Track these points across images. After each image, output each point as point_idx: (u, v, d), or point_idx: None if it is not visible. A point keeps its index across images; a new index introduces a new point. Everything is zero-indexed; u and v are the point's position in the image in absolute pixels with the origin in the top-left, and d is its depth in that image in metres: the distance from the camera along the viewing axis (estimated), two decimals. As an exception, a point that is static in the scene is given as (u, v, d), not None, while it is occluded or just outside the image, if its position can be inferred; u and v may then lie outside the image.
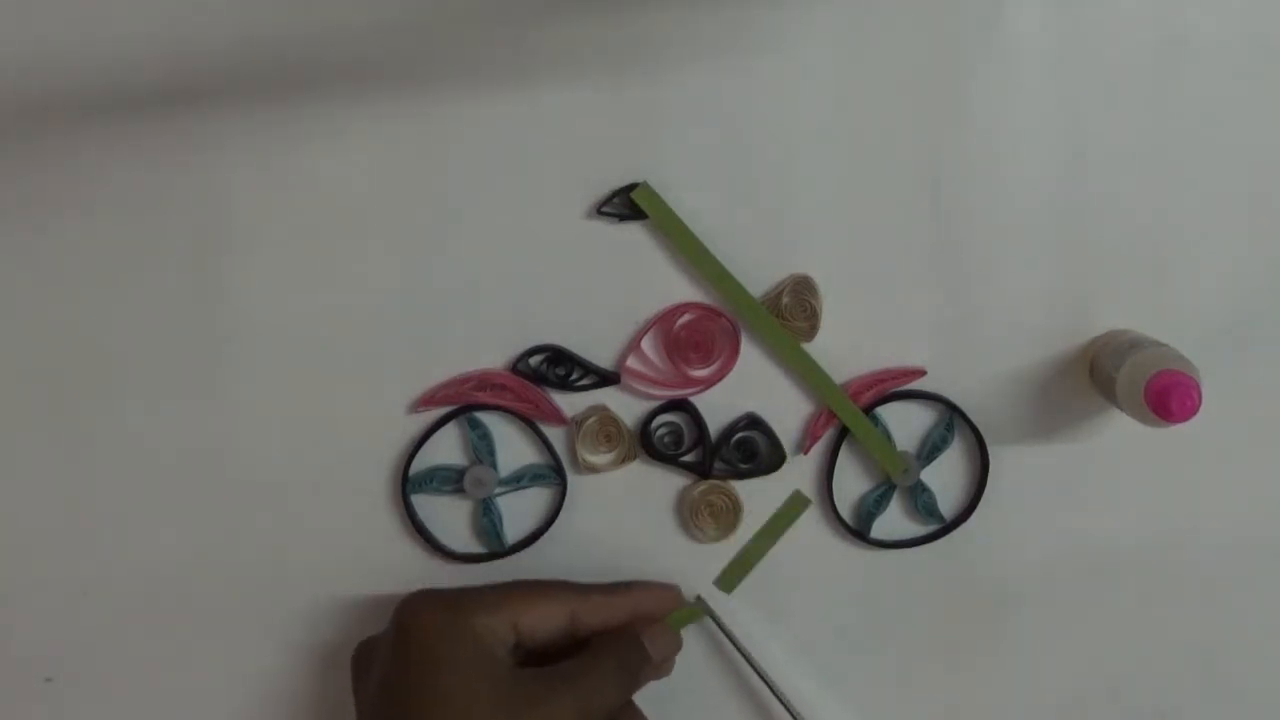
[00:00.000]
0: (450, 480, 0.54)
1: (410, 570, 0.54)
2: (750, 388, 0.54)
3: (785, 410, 0.54)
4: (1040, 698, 0.56)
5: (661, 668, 0.52)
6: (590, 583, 0.52)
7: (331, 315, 0.53)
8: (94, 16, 0.51)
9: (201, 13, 0.51)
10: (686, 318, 0.53)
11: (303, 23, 0.51)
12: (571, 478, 0.54)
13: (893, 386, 0.54)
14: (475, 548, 0.54)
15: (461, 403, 0.53)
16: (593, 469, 0.54)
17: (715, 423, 0.54)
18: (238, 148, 0.52)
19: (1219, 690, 0.57)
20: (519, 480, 0.54)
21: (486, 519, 0.54)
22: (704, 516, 0.54)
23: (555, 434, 0.54)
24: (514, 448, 0.54)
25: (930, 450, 0.54)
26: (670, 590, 0.54)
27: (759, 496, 0.55)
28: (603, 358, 0.54)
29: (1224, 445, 0.54)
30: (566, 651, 0.50)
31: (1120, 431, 0.54)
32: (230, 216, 0.53)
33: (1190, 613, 0.56)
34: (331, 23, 0.51)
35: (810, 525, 0.55)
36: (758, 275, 0.53)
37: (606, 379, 0.54)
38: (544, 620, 0.50)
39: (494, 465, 0.54)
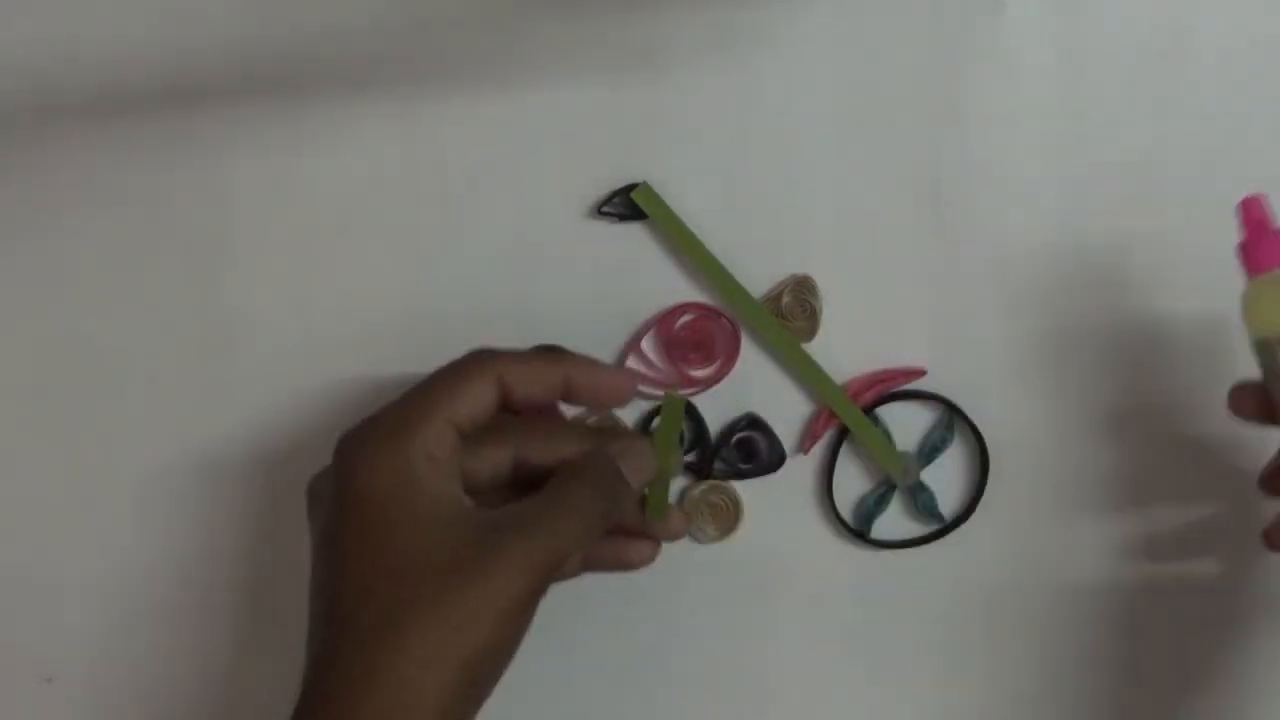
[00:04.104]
0: (450, 480, 0.54)
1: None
2: (750, 388, 0.54)
3: (785, 410, 0.54)
4: (1040, 697, 0.56)
5: (635, 546, 0.49)
6: (516, 349, 0.47)
7: (331, 315, 0.53)
8: (94, 16, 0.51)
9: (201, 12, 0.51)
10: (686, 318, 0.53)
11: (302, 23, 0.51)
12: (571, 478, 0.54)
13: (893, 386, 0.54)
14: (475, 547, 0.54)
15: (461, 402, 0.53)
16: (593, 469, 0.54)
17: (715, 423, 0.54)
18: (238, 148, 0.52)
19: (1219, 691, 0.57)
20: (518, 480, 0.54)
21: (486, 519, 0.54)
22: (704, 516, 0.54)
23: (555, 434, 0.54)
24: (514, 447, 0.54)
25: (930, 450, 0.54)
26: (612, 372, 0.49)
27: (759, 496, 0.54)
28: (603, 357, 0.54)
29: (1225, 445, 0.54)
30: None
31: (1120, 431, 0.54)
32: (230, 216, 0.53)
33: (1192, 613, 0.56)
34: (331, 22, 0.51)
35: (810, 525, 0.55)
36: (758, 275, 0.53)
37: (606, 379, 0.54)
38: (475, 402, 0.45)
39: (494, 465, 0.54)
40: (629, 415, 0.54)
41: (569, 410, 0.53)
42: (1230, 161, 0.53)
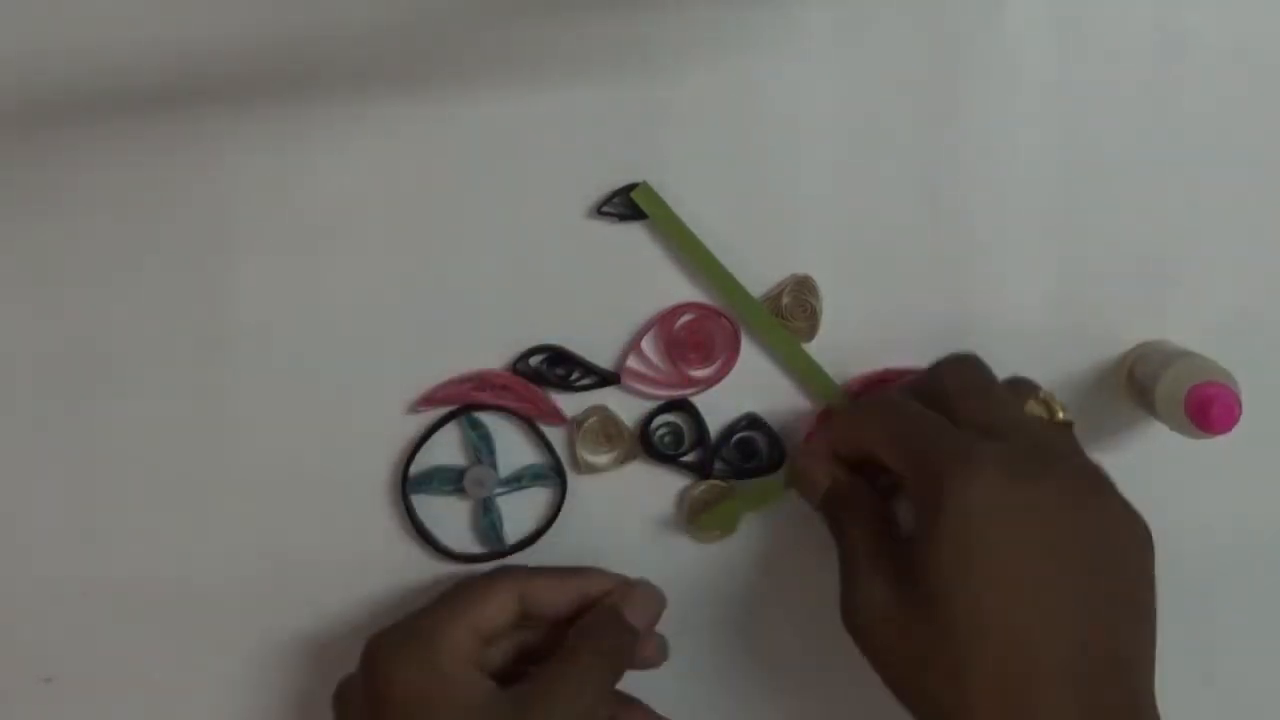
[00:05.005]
0: (450, 480, 0.54)
1: (410, 570, 0.54)
2: (750, 388, 0.54)
3: (785, 410, 0.54)
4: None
5: (649, 645, 0.51)
6: (540, 566, 0.52)
7: (331, 315, 0.53)
8: (94, 16, 0.51)
9: (202, 13, 0.51)
10: (686, 318, 0.53)
11: (303, 22, 0.51)
12: (571, 478, 0.54)
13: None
14: (475, 548, 0.54)
15: (461, 402, 0.53)
16: (593, 469, 0.54)
17: (715, 423, 0.54)
18: (238, 147, 0.52)
19: (1218, 693, 0.57)
20: (519, 480, 0.54)
21: (486, 519, 0.54)
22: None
23: (555, 434, 0.54)
24: (514, 448, 0.54)
25: (930, 450, 0.54)
26: (624, 581, 0.51)
27: (759, 496, 0.55)
28: (603, 358, 0.54)
29: (1225, 448, 0.54)
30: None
31: (1119, 433, 0.54)
32: (230, 216, 0.53)
33: (1192, 616, 0.56)
34: (331, 22, 0.51)
35: (811, 525, 0.55)
36: (758, 275, 0.53)
37: (606, 379, 0.54)
38: (498, 613, 0.48)
39: (494, 465, 0.54)
40: (629, 415, 0.54)
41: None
42: (1230, 162, 0.53)
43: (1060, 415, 0.49)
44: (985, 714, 0.42)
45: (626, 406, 0.54)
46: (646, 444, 0.54)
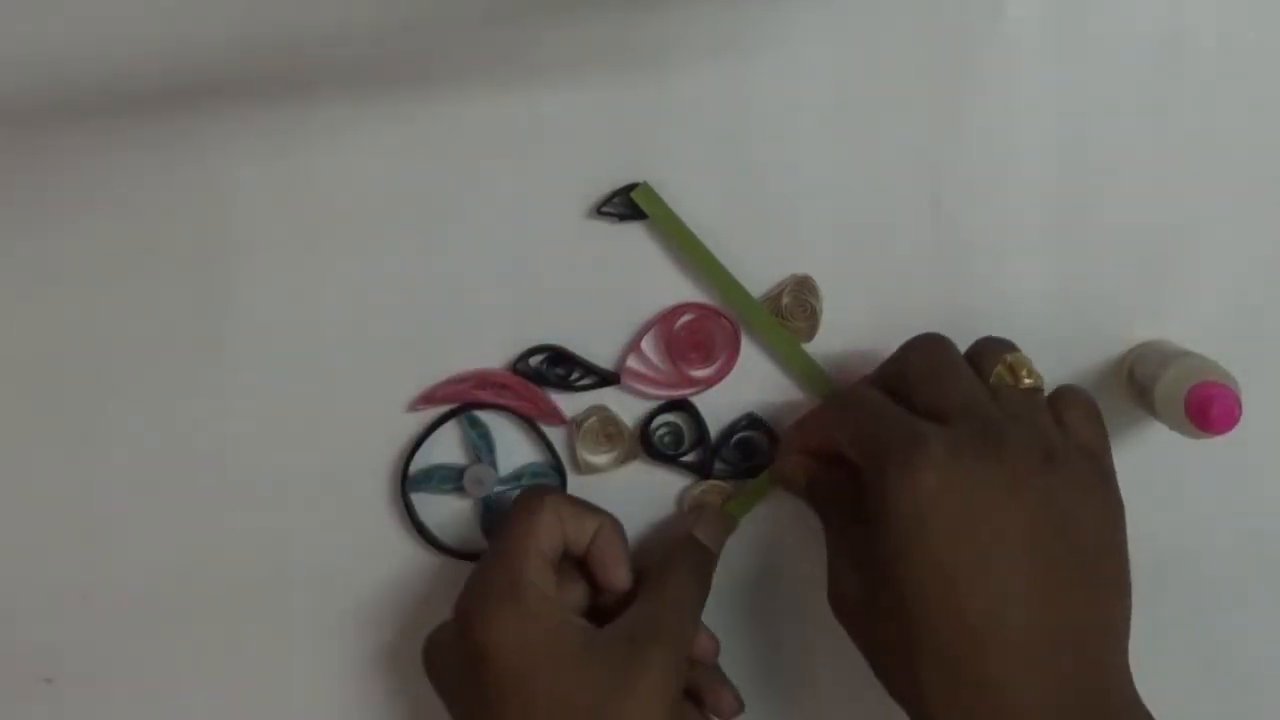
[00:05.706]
0: (450, 479, 0.54)
1: (410, 568, 0.54)
2: (750, 388, 0.54)
3: (785, 410, 0.54)
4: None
5: (720, 688, 0.52)
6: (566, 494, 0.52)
7: (331, 315, 0.53)
8: (94, 16, 0.51)
9: (202, 12, 0.51)
10: (686, 318, 0.53)
11: (303, 23, 0.51)
12: (571, 478, 0.54)
13: (893, 386, 0.54)
14: (475, 546, 0.54)
15: (461, 401, 0.53)
16: (593, 469, 0.54)
17: (715, 423, 0.54)
18: (238, 148, 0.52)
19: (1219, 691, 0.56)
20: (519, 479, 0.54)
21: (486, 517, 0.54)
22: (704, 516, 0.54)
23: (555, 434, 0.54)
24: (514, 447, 0.54)
25: (930, 450, 0.54)
26: (623, 559, 0.50)
27: (759, 496, 0.55)
28: (603, 358, 0.54)
29: (1225, 448, 0.54)
30: None
31: (1119, 433, 0.54)
32: (230, 217, 0.53)
33: (1192, 615, 0.56)
34: (332, 23, 0.51)
35: (810, 524, 0.55)
36: (758, 275, 0.53)
37: (606, 379, 0.54)
38: (551, 531, 0.48)
39: (494, 464, 0.54)
40: (629, 415, 0.54)
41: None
42: (1230, 162, 0.53)
43: (1026, 381, 0.48)
44: (937, 696, 0.43)
45: (626, 406, 0.54)
46: (646, 444, 0.54)
